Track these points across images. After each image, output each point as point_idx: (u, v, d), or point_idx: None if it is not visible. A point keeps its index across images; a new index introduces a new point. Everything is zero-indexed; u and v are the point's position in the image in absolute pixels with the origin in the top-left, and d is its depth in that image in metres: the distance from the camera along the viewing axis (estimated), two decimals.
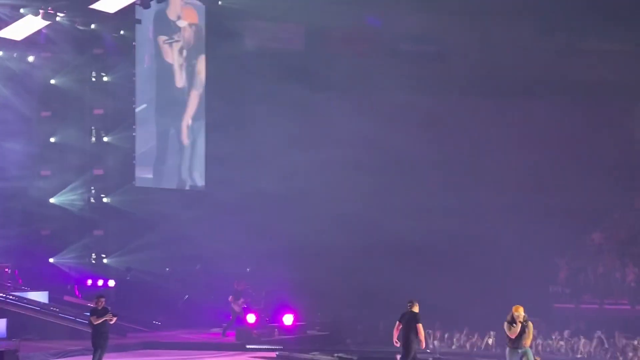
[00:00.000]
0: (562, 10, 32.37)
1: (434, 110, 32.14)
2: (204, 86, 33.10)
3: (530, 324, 18.51)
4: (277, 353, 25.68)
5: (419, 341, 19.16)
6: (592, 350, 25.34)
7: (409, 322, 19.08)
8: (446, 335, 27.35)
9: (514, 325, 18.30)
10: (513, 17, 32.65)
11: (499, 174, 31.35)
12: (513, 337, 18.27)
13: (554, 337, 26.53)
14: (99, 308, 20.60)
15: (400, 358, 19.42)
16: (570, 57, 33.92)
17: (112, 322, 20.45)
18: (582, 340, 25.63)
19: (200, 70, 33.19)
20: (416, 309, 19.24)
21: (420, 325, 19.06)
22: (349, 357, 24.28)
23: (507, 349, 18.73)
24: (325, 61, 32.33)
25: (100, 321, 20.26)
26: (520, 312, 18.56)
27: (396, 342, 19.16)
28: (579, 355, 25.32)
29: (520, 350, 18.50)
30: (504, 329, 18.31)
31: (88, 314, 21.25)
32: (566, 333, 26.46)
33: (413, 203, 30.23)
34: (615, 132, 33.86)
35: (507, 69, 32.86)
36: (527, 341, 18.52)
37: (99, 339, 20.52)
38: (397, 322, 19.23)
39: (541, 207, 31.06)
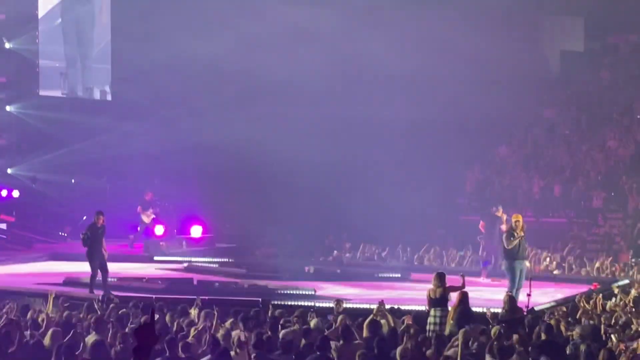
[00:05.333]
0: None
1: (341, 17, 31.84)
2: None
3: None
4: (185, 265, 25.66)
5: None
6: None
7: None
8: (360, 247, 27.63)
9: (515, 235, 18.46)
10: None
11: (407, 85, 31.34)
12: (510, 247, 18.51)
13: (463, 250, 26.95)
14: (98, 225, 20.06)
15: None
16: None
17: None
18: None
19: None
20: None
21: None
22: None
23: (507, 262, 18.81)
24: None
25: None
26: (520, 220, 18.71)
27: None
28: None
29: (522, 262, 18.67)
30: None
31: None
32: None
33: (322, 119, 30.11)
34: (523, 44, 34.16)
35: None
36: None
37: (96, 259, 20.02)
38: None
39: (449, 120, 31.28)
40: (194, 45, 30.74)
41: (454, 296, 15.67)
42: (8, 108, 30.48)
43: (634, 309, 16.38)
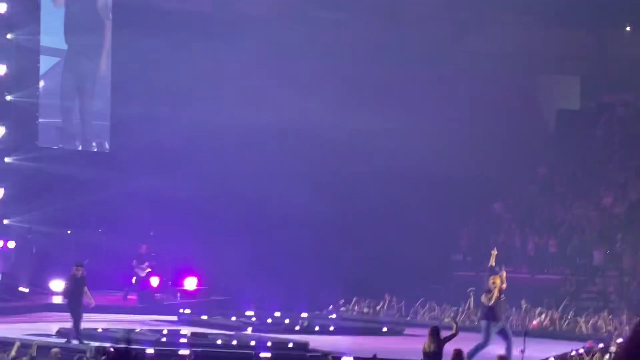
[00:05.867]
0: None
1: (336, 77, 32.25)
2: (111, 47, 32.52)
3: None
4: (178, 316, 25.68)
5: None
6: None
7: None
8: (353, 301, 27.60)
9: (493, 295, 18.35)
10: None
11: (403, 142, 31.54)
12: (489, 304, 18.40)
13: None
14: (78, 276, 20.15)
15: None
16: (476, 29, 34.33)
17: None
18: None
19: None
20: None
21: None
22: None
23: (483, 321, 18.69)
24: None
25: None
26: (497, 282, 18.55)
27: None
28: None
29: (497, 323, 18.50)
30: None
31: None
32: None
33: (314, 170, 30.28)
34: (520, 103, 34.44)
35: (414, 38, 33.21)
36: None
37: (76, 309, 20.12)
38: None
39: (445, 176, 31.41)
40: (193, 99, 31.06)
41: (449, 349, 15.73)
42: (7, 159, 30.59)
43: None
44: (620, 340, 22.60)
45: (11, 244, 29.70)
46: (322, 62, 32.36)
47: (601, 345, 21.77)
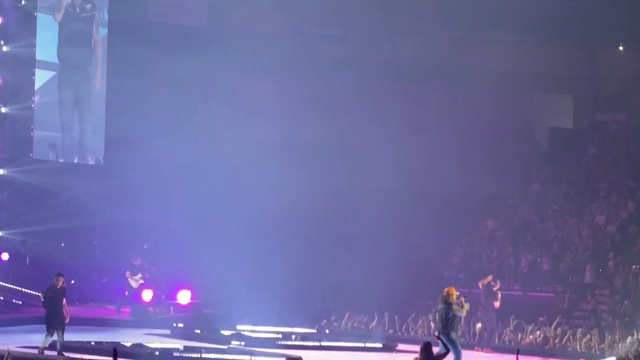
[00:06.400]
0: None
1: (331, 92, 32.42)
2: (106, 62, 32.62)
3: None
4: (171, 329, 25.69)
5: None
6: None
7: None
8: (346, 316, 27.65)
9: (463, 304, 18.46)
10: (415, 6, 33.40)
11: (397, 159, 31.68)
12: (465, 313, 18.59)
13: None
14: (58, 287, 20.05)
15: None
16: (471, 46, 34.54)
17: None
18: (478, 324, 25.93)
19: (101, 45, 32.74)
20: None
21: None
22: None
23: (446, 334, 18.70)
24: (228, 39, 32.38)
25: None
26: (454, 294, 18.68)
27: None
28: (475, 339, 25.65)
29: (456, 333, 18.58)
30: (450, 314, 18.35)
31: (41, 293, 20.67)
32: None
33: (309, 186, 30.37)
34: (513, 120, 34.61)
35: (408, 55, 33.43)
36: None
37: (54, 321, 19.96)
38: None
39: (437, 193, 31.51)
40: (187, 113, 31.17)
41: None
42: (1, 171, 30.63)
43: None
44: (612, 358, 22.67)
45: (5, 256, 29.72)
46: (317, 77, 32.50)
47: None
